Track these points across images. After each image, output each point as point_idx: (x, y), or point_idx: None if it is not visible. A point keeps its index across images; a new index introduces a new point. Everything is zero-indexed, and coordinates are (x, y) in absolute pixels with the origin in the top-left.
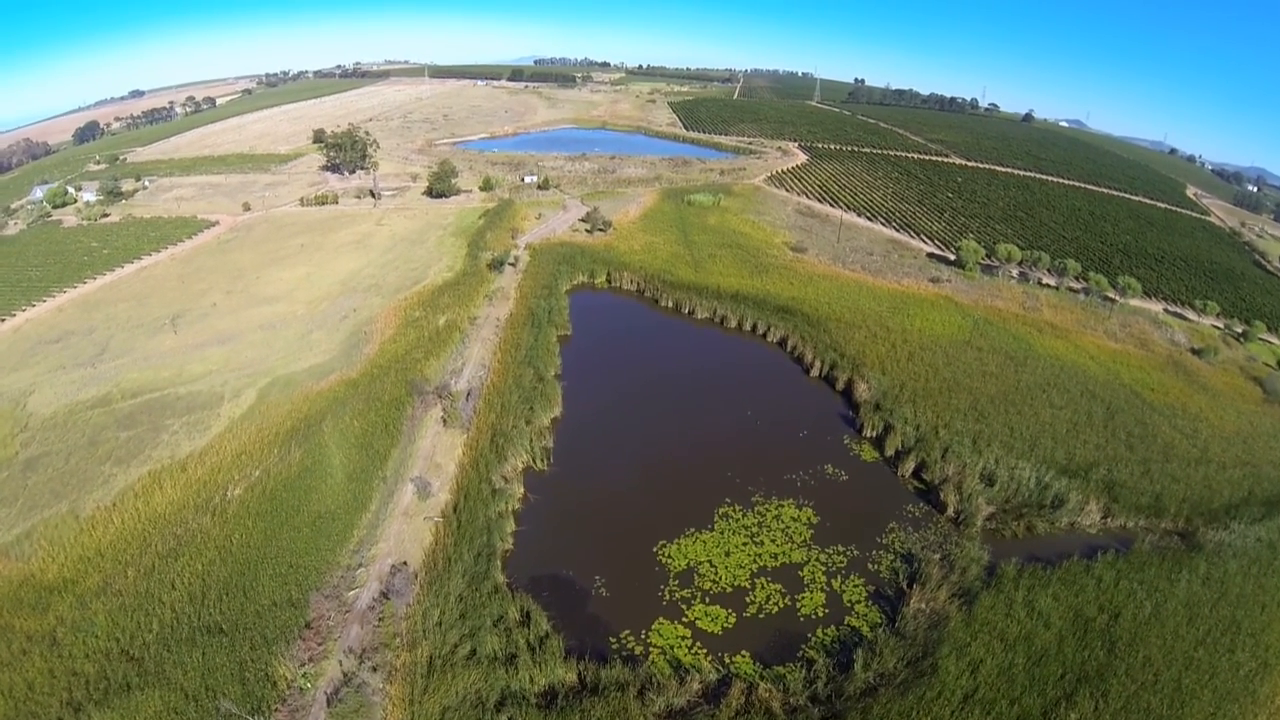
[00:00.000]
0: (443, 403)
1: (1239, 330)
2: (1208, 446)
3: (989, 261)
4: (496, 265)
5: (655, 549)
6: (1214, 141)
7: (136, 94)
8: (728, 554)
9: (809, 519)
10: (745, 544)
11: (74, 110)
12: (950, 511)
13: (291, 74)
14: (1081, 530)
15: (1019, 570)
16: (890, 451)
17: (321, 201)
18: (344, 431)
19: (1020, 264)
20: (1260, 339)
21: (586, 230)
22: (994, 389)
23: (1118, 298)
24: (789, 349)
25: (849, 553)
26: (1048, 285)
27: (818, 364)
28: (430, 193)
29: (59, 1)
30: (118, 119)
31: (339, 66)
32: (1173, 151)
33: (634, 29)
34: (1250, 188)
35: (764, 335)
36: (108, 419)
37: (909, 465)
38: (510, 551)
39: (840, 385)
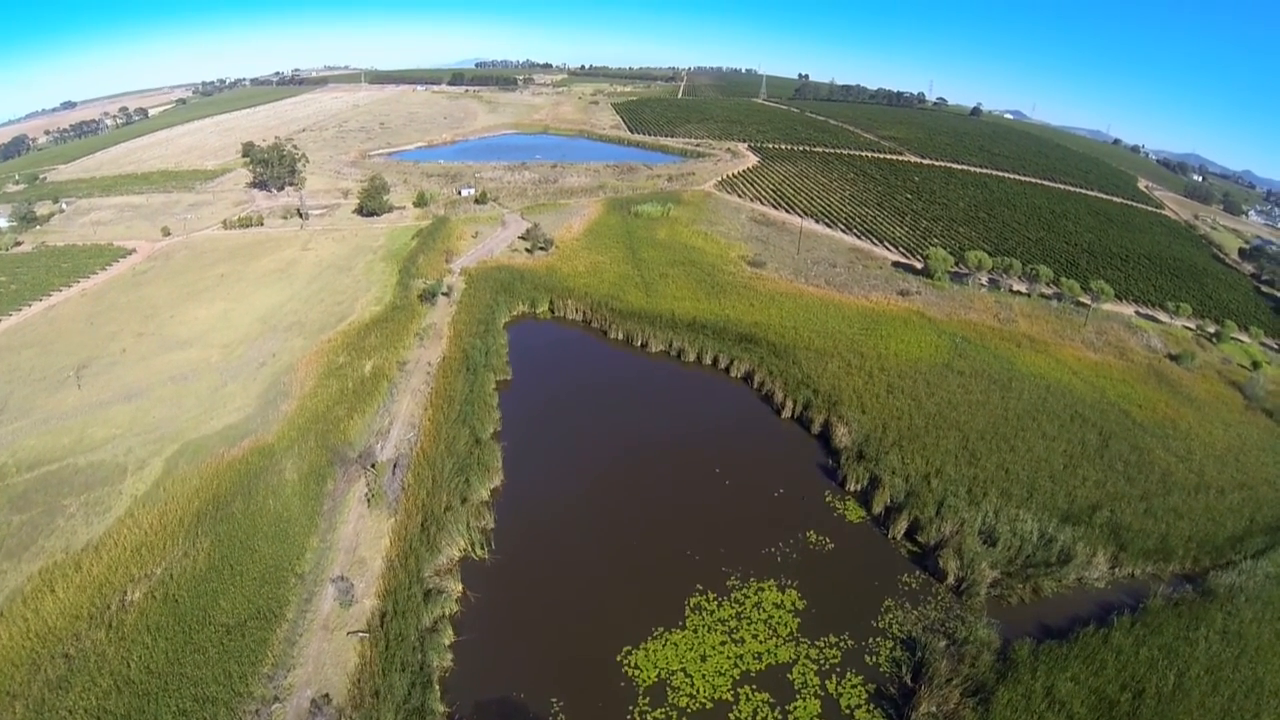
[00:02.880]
0: (367, 476)
1: (1211, 330)
2: (1203, 469)
3: (958, 269)
4: (428, 297)
5: (619, 657)
6: (1150, 129)
7: (69, 105)
8: (704, 658)
9: (794, 603)
10: (723, 643)
11: (3, 124)
12: (951, 579)
13: (228, 82)
14: (1090, 585)
15: (1034, 651)
16: (878, 509)
17: (245, 224)
18: (256, 515)
19: (990, 271)
20: (1232, 338)
21: (527, 249)
22: (983, 421)
23: (1090, 303)
24: (756, 385)
25: (842, 643)
26: (1019, 292)
27: (789, 403)
28: (361, 211)
29: None
30: (47, 132)
31: (277, 74)
32: (1117, 142)
33: (576, 29)
34: (1195, 178)
35: (726, 369)
36: (0, 500)
37: (900, 525)
38: (450, 671)
39: (816, 428)
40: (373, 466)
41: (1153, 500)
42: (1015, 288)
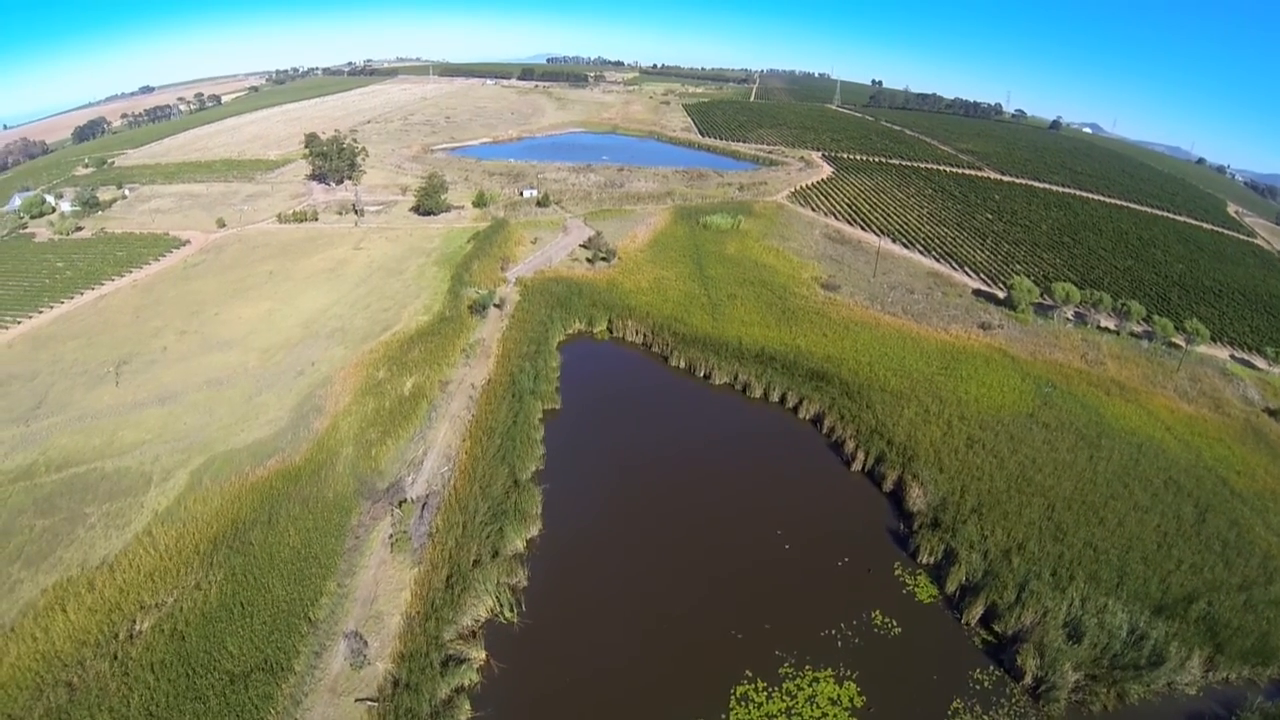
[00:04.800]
0: (393, 515)
1: None
2: None
3: (1042, 299)
4: (479, 308)
5: None
6: (1231, 147)
7: (146, 90)
8: None
9: (851, 699)
10: None
11: (84, 105)
12: (1028, 679)
13: (301, 71)
14: (1180, 691)
15: None
16: (952, 588)
17: (300, 218)
18: (275, 548)
19: (1078, 305)
20: None
21: (588, 259)
22: (1069, 487)
23: (1184, 344)
24: (825, 430)
25: None
26: (1107, 329)
27: (860, 455)
28: (418, 209)
29: None
30: (124, 116)
31: (349, 64)
32: (1200, 161)
33: (648, 28)
34: None
35: (795, 409)
36: (27, 499)
37: (976, 609)
38: None
39: (888, 485)
40: (400, 505)
41: (1253, 590)
42: (1103, 323)
